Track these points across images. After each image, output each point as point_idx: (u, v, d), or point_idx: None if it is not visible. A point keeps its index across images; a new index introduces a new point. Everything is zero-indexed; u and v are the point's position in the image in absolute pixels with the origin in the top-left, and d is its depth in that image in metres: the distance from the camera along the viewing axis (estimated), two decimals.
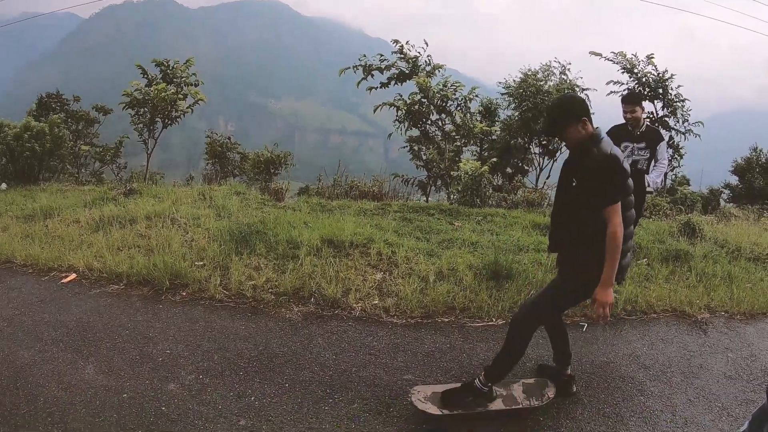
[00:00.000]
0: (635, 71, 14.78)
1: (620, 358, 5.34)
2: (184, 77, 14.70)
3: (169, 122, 14.19)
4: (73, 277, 6.78)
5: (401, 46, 13.93)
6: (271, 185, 11.46)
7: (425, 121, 14.00)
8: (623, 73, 14.92)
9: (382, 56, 14.13)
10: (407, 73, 13.90)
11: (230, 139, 15.10)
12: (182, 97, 14.23)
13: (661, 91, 14.74)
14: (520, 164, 15.71)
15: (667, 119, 15.11)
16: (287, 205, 9.91)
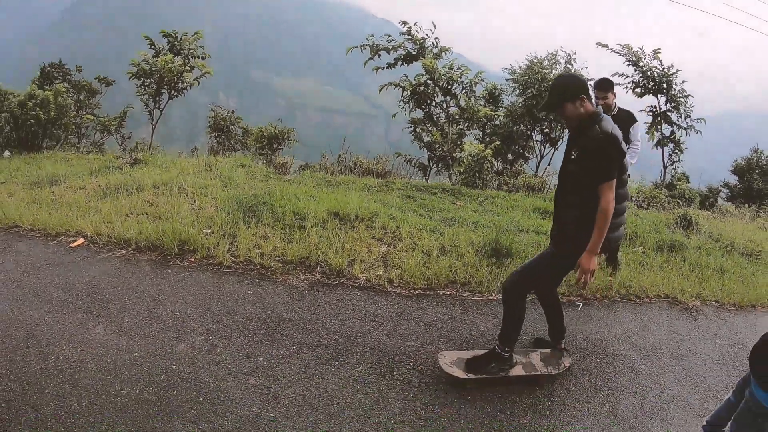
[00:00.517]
0: (640, 64, 14.82)
1: (613, 337, 5.54)
2: (191, 49, 14.73)
3: (175, 94, 14.22)
4: (81, 241, 6.84)
5: (409, 27, 13.88)
6: (274, 159, 11.52)
7: (430, 102, 14.01)
8: (628, 65, 14.97)
9: (389, 37, 14.12)
10: (414, 54, 13.88)
11: (233, 113, 15.13)
12: (189, 69, 14.24)
13: (665, 85, 14.78)
14: (521, 151, 15.79)
15: (669, 114, 15.18)
16: (292, 178, 10.00)
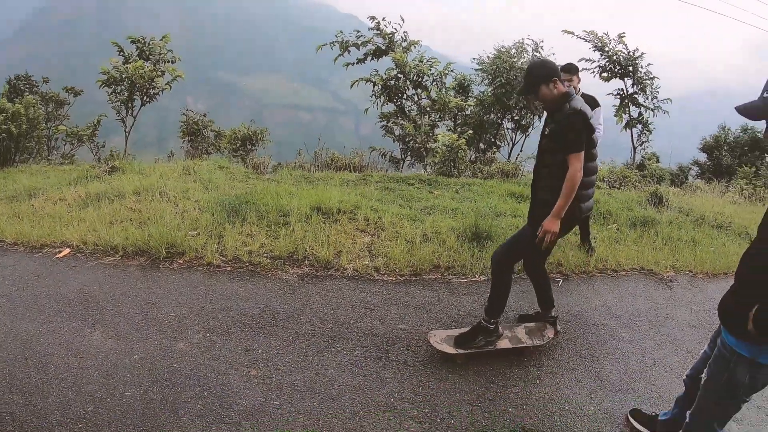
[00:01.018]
0: (606, 49, 15.21)
1: (593, 308, 5.80)
2: (162, 54, 14.71)
3: (147, 100, 14.16)
4: (67, 251, 6.85)
5: (378, 22, 14.04)
6: (250, 160, 11.60)
7: (401, 96, 14.18)
8: (594, 51, 15.34)
9: (359, 32, 14.26)
10: (384, 49, 14.05)
11: (205, 116, 15.13)
12: (160, 73, 14.22)
13: (631, 69, 15.19)
14: (492, 139, 16.02)
15: (636, 96, 15.60)
16: (270, 177, 10.10)
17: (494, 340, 4.74)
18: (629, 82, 15.60)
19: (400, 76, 13.76)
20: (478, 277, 6.30)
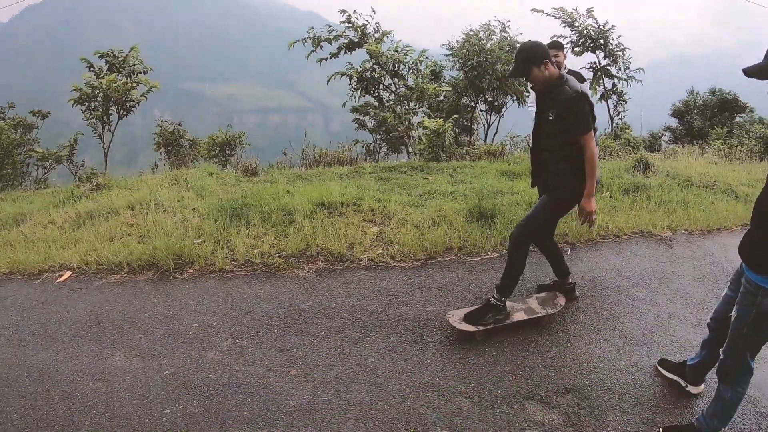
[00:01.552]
0: (576, 24, 15.46)
1: (604, 272, 5.98)
2: (135, 64, 14.55)
3: (124, 113, 13.95)
4: (68, 275, 6.67)
5: (349, 15, 14.01)
6: (239, 164, 11.51)
7: (377, 86, 14.18)
8: (565, 27, 15.59)
9: (330, 27, 14.22)
10: (356, 41, 14.02)
11: (180, 125, 14.96)
12: (134, 85, 14.02)
13: (602, 41, 15.53)
14: (465, 123, 16.11)
15: (609, 68, 15.95)
16: (262, 179, 10.02)
17: (503, 318, 4.84)
18: (601, 54, 15.92)
19: (376, 67, 13.73)
20: (491, 254, 6.39)
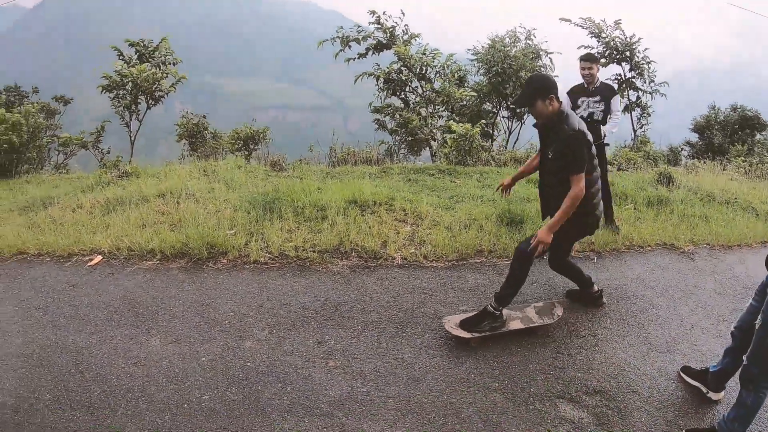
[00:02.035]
0: (603, 36, 15.43)
1: (629, 281, 6.09)
2: (167, 54, 14.71)
3: (153, 102, 14.07)
4: (99, 259, 6.76)
5: (378, 16, 14.09)
6: (268, 158, 11.58)
7: (404, 88, 14.24)
8: (592, 37, 15.56)
9: (359, 27, 14.30)
10: (385, 43, 14.08)
11: (205, 118, 15.09)
12: (164, 75, 14.14)
13: (628, 54, 15.46)
14: (486, 129, 16.14)
15: (634, 80, 15.88)
16: (290, 174, 10.11)
17: (499, 325, 4.90)
18: (627, 67, 15.86)
19: (403, 69, 13.79)
20: None
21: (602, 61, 15.36)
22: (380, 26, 14.14)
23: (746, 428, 3.65)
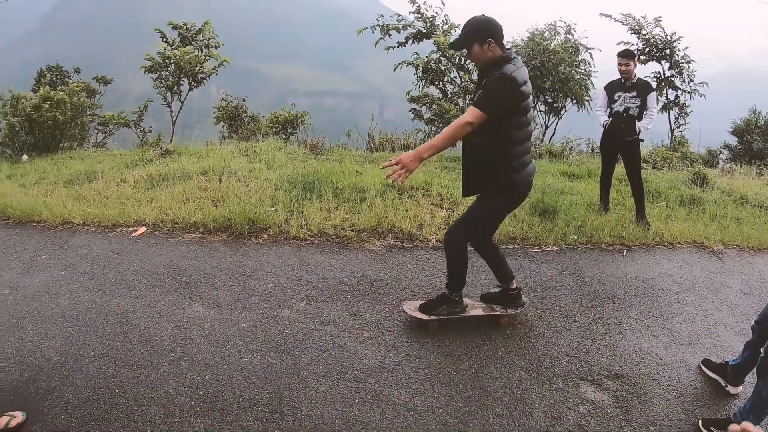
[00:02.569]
0: (643, 32, 15.17)
1: (657, 276, 6.17)
2: (209, 38, 15.00)
3: (195, 84, 14.39)
4: (143, 230, 7.06)
5: (418, 6, 14.14)
6: (306, 141, 11.81)
7: (443, 78, 14.28)
8: (631, 34, 15.31)
9: (399, 16, 14.40)
10: (425, 32, 14.14)
11: (244, 101, 15.34)
12: (206, 58, 14.46)
13: (668, 52, 15.17)
14: None
15: (673, 79, 15.59)
16: (329, 157, 10.35)
17: (458, 311, 4.84)
18: (666, 65, 15.58)
19: (442, 59, 13.86)
20: (551, 247, 6.65)
21: (641, 58, 15.14)
22: (420, 16, 14.15)
23: (761, 420, 3.71)
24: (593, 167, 9.94)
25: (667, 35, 15.10)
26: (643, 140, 7.46)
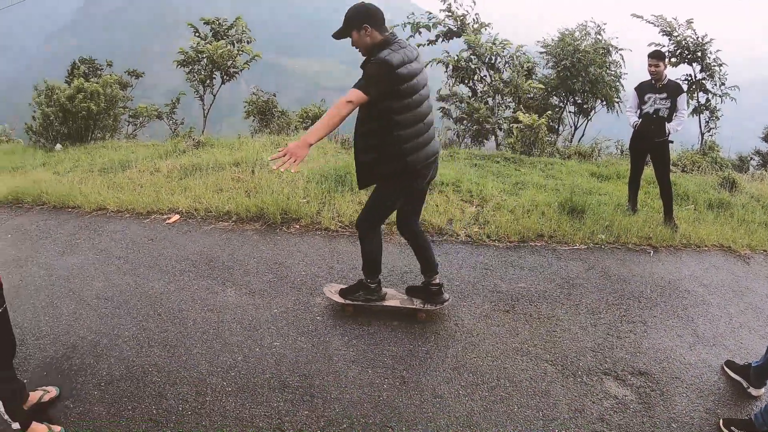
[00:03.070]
0: (674, 34, 15.02)
1: (683, 277, 6.18)
2: (241, 33, 15.23)
3: (227, 78, 14.62)
4: (177, 218, 7.24)
5: (449, 4, 14.24)
6: (339, 136, 11.93)
7: (473, 77, 14.36)
8: (663, 35, 15.16)
9: (430, 14, 14.49)
10: (455, 30, 14.22)
11: (275, 96, 15.54)
12: (239, 53, 14.69)
13: (699, 54, 14.99)
14: (551, 123, 16.04)
15: (704, 82, 15.40)
16: None
17: (374, 299, 4.89)
18: (697, 68, 15.39)
19: (473, 57, 13.93)
20: (578, 245, 6.69)
21: (672, 60, 14.97)
22: (451, 14, 14.27)
23: None
24: (622, 169, 9.95)
25: (698, 37, 14.93)
26: (672, 142, 7.47)
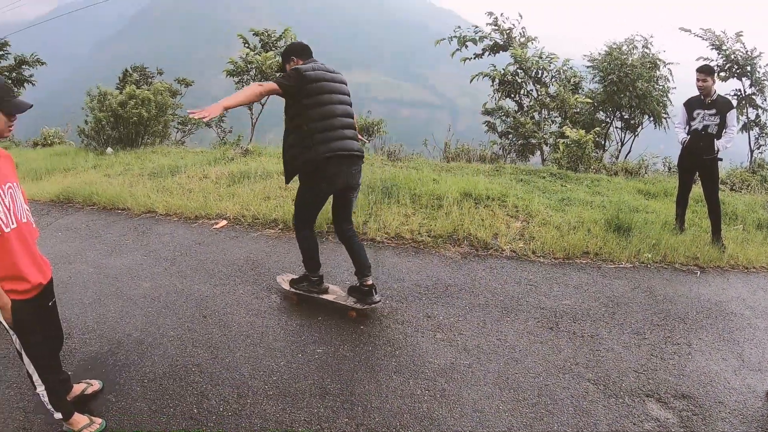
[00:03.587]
0: (723, 48, 14.69)
1: (730, 299, 6.06)
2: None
3: None
4: (224, 223, 7.41)
5: (495, 18, 14.23)
6: (385, 149, 12.05)
7: (519, 91, 14.35)
8: (711, 49, 14.84)
9: (477, 28, 14.53)
10: (501, 44, 14.23)
11: None
12: None
13: (749, 69, 14.60)
14: (597, 138, 15.83)
15: (754, 97, 15.03)
16: (405, 165, 10.54)
17: (315, 291, 5.30)
18: (747, 82, 14.99)
19: (519, 71, 13.91)
20: (624, 263, 6.63)
21: (721, 74, 14.63)
22: (497, 28, 14.25)
23: None
24: (669, 186, 9.83)
25: (747, 51, 14.55)
26: (721, 159, 7.36)
